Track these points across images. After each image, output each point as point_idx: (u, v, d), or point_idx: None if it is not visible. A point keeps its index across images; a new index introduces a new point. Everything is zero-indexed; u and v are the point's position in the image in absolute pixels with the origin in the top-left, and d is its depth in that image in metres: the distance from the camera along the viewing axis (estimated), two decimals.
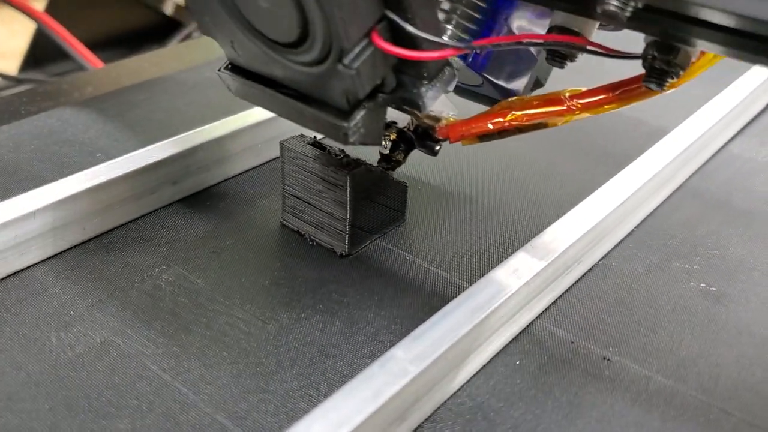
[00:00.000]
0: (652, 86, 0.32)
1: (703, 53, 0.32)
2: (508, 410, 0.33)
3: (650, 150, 0.47)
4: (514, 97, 0.37)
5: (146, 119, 0.55)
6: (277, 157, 0.50)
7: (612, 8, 0.27)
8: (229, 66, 0.36)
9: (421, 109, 0.32)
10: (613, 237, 0.43)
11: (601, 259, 0.42)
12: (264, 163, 0.50)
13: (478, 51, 0.36)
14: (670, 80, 0.32)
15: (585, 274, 0.41)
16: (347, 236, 0.41)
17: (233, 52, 0.34)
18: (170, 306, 0.38)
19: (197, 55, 0.67)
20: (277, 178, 0.48)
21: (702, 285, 0.41)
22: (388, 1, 0.28)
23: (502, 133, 0.37)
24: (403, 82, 0.32)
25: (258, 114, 0.48)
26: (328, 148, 0.41)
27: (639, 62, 0.32)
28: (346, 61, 0.29)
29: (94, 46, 0.80)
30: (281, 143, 0.42)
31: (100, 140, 0.51)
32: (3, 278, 0.39)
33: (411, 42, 0.29)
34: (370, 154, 0.42)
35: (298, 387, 0.33)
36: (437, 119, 0.39)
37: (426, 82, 0.31)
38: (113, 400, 0.32)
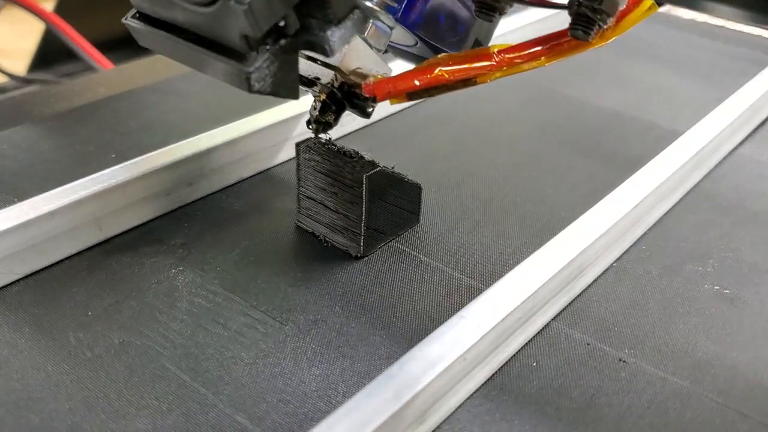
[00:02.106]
0: (578, 35, 0.31)
1: (633, 2, 0.31)
2: (525, 411, 0.33)
3: (662, 153, 0.47)
4: (443, 54, 0.36)
5: (159, 120, 0.55)
6: (292, 159, 0.50)
7: None
8: (136, 14, 0.35)
9: (328, 53, 0.31)
10: (627, 239, 0.43)
11: (616, 261, 0.42)
12: (278, 165, 0.50)
13: (423, 8, 0.35)
14: (596, 28, 0.31)
15: (600, 276, 0.41)
16: (362, 238, 0.41)
17: None
18: (187, 307, 0.38)
19: None
20: (292, 180, 0.48)
21: (716, 287, 0.41)
22: None
23: (430, 90, 0.35)
24: (309, 24, 0.30)
25: (272, 116, 0.49)
26: (344, 149, 0.41)
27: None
28: None
29: (102, 46, 0.80)
30: (297, 145, 0.42)
31: (115, 141, 0.52)
32: (21, 278, 0.39)
33: None
34: (383, 157, 0.42)
35: (317, 388, 0.34)
36: (364, 77, 0.37)
37: (332, 24, 0.30)
38: (133, 401, 0.33)
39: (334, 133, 0.46)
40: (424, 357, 0.31)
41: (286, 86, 0.32)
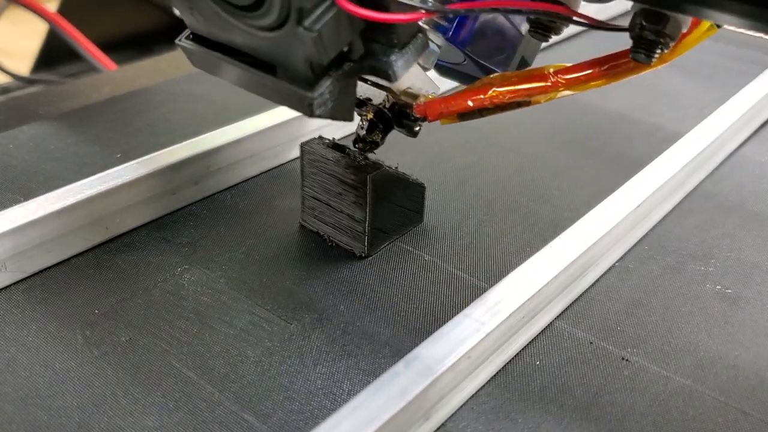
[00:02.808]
0: (640, 58, 0.30)
1: (695, 24, 0.31)
2: (529, 410, 0.33)
3: (664, 154, 0.47)
4: (496, 74, 0.35)
5: (164, 120, 0.55)
6: (296, 159, 0.50)
7: None
8: (190, 36, 0.34)
9: (392, 79, 0.30)
10: (630, 239, 0.44)
11: (618, 261, 0.43)
12: (283, 164, 0.50)
13: (450, 16, 0.34)
14: (659, 52, 0.30)
15: (602, 275, 0.41)
16: (366, 237, 0.41)
17: (193, 19, 0.33)
18: (193, 305, 0.38)
19: None
20: (296, 180, 0.48)
21: (718, 287, 0.41)
22: None
23: (482, 111, 0.35)
24: (373, 49, 0.30)
25: (277, 116, 0.49)
26: (348, 150, 0.41)
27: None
28: (306, 23, 0.27)
29: (106, 47, 0.80)
30: (301, 145, 0.42)
31: (120, 141, 0.52)
32: (29, 276, 0.39)
33: (378, 3, 0.28)
34: (387, 156, 0.42)
35: (322, 386, 0.34)
36: (415, 96, 0.37)
37: (396, 49, 0.30)
38: (140, 398, 0.33)
39: (338, 133, 0.46)
40: (430, 355, 0.31)
41: (344, 109, 0.31)
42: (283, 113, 0.49)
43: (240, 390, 0.33)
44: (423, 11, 0.28)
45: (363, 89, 0.39)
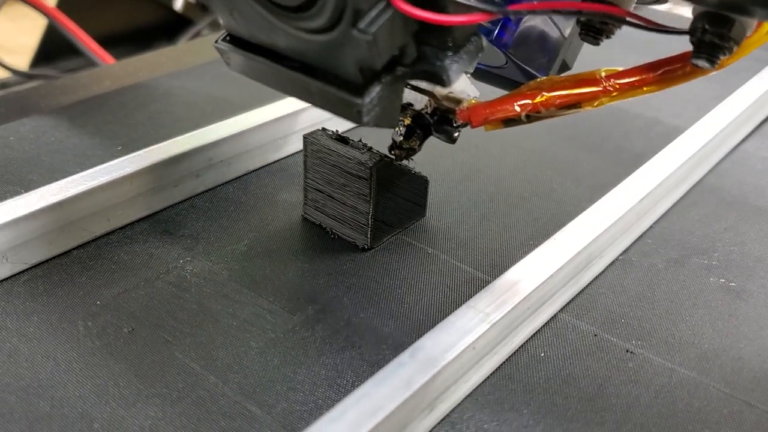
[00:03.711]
0: (703, 63, 0.29)
1: (759, 26, 0.29)
2: (533, 401, 0.33)
3: (667, 148, 0.47)
4: (543, 77, 0.34)
5: (165, 113, 0.55)
6: (298, 151, 0.50)
7: None
8: (227, 37, 0.33)
9: (446, 84, 0.29)
10: (633, 233, 0.43)
11: (622, 254, 0.43)
12: (285, 157, 0.50)
13: (511, 18, 0.33)
14: (722, 56, 0.28)
15: (606, 268, 0.41)
16: (369, 230, 0.41)
17: (232, 20, 0.31)
18: (196, 297, 0.38)
19: (213, 50, 0.67)
20: (298, 172, 0.48)
21: (722, 280, 0.41)
22: None
23: (530, 117, 0.33)
24: (425, 53, 0.28)
25: (279, 108, 0.49)
26: (352, 141, 0.41)
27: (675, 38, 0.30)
28: (361, 25, 0.26)
29: (104, 42, 0.80)
30: (304, 137, 0.42)
31: (121, 133, 0.52)
32: (30, 268, 0.39)
33: (435, 5, 0.26)
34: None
35: (326, 377, 0.34)
36: (458, 101, 0.36)
37: (451, 53, 0.28)
38: (143, 389, 0.33)
39: (341, 126, 0.46)
40: (435, 346, 0.31)
41: (389, 116, 0.30)
42: (285, 106, 0.49)
43: (243, 380, 0.33)
44: (483, 12, 0.27)
45: (405, 94, 0.37)
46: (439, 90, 0.36)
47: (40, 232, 0.39)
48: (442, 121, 0.37)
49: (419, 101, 0.38)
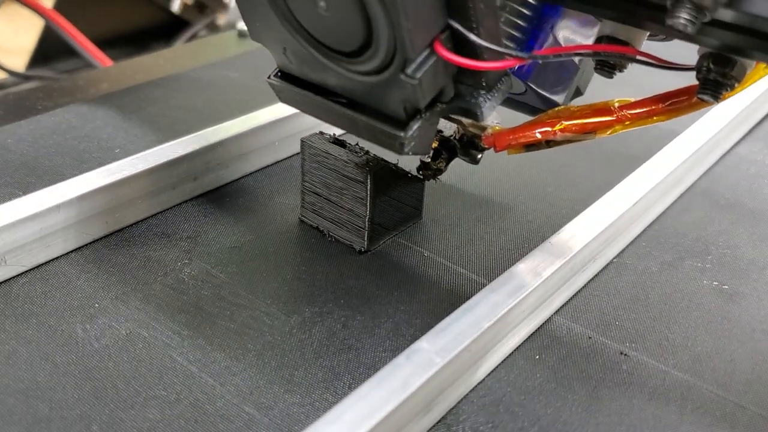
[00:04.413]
0: (707, 98, 0.31)
1: (757, 64, 0.31)
2: (529, 403, 0.33)
3: (661, 152, 0.48)
4: (561, 107, 0.37)
5: (163, 116, 0.55)
6: (294, 155, 0.51)
7: (682, 22, 0.26)
8: (279, 73, 0.35)
9: (479, 119, 0.32)
10: (627, 235, 0.44)
11: (616, 257, 0.43)
12: (282, 160, 0.50)
13: (539, 61, 0.35)
14: (724, 92, 0.31)
15: (600, 271, 0.42)
16: (366, 232, 0.41)
17: (285, 59, 0.34)
18: (194, 299, 0.38)
19: (210, 53, 0.68)
20: (294, 175, 0.49)
21: (715, 283, 0.41)
22: (453, 11, 0.28)
23: (549, 142, 0.36)
24: (461, 91, 0.31)
25: (276, 111, 0.49)
26: (349, 145, 0.41)
27: (669, 72, 0.33)
28: (409, 71, 0.29)
29: (101, 43, 0.80)
30: (302, 140, 0.42)
31: (118, 136, 0.52)
32: (29, 270, 0.39)
33: (473, 51, 0.29)
34: (387, 153, 0.42)
35: (323, 379, 0.34)
36: (483, 128, 0.39)
37: (484, 91, 0.31)
38: (141, 391, 0.33)
39: (338, 129, 0.46)
40: (431, 348, 0.32)
41: (424, 145, 0.33)
42: (282, 110, 0.49)
43: (241, 383, 0.34)
44: (514, 58, 0.30)
45: None
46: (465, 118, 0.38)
47: (38, 234, 0.39)
48: (469, 145, 0.40)
49: (448, 128, 0.40)
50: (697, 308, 0.40)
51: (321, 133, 0.43)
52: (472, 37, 0.28)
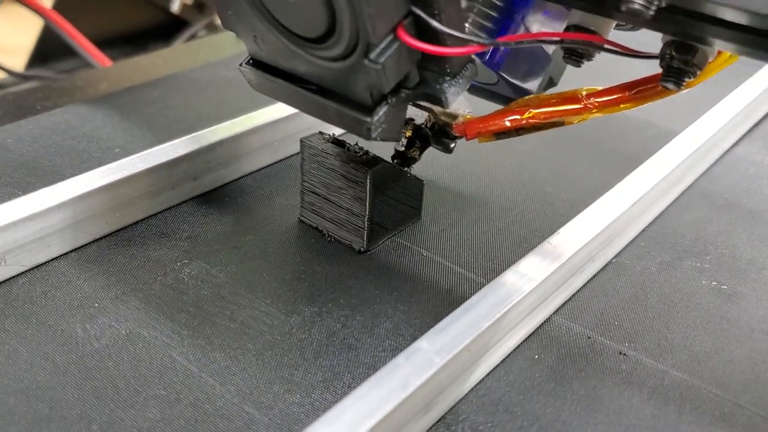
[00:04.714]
0: (670, 86, 0.32)
1: (719, 53, 0.32)
2: (528, 403, 0.34)
3: (660, 152, 0.48)
4: (531, 95, 0.37)
5: (162, 116, 0.55)
6: (294, 155, 0.51)
7: (637, 6, 0.27)
8: (251, 61, 0.36)
9: (444, 105, 0.32)
10: (626, 236, 0.44)
11: (615, 257, 0.43)
12: (281, 160, 0.50)
13: (500, 47, 0.36)
14: (687, 80, 0.32)
15: (599, 271, 0.42)
16: (366, 233, 0.42)
17: (255, 46, 0.35)
18: (194, 299, 0.38)
19: (209, 53, 0.68)
20: (294, 175, 0.49)
21: (713, 283, 0.41)
22: None
23: (519, 130, 0.37)
24: (426, 77, 0.32)
25: (275, 111, 0.49)
26: (348, 145, 0.42)
27: (651, 62, 0.33)
28: (372, 56, 0.29)
29: (100, 43, 0.80)
30: (301, 140, 0.42)
31: (118, 136, 0.52)
32: (28, 270, 0.39)
33: (435, 38, 0.30)
34: (386, 154, 0.43)
35: (323, 378, 0.34)
36: (454, 116, 0.39)
37: (449, 78, 0.32)
38: (141, 390, 0.33)
39: (338, 130, 0.46)
40: (430, 348, 0.32)
41: (394, 131, 0.33)
42: (281, 109, 0.49)
43: (241, 382, 0.34)
44: (476, 45, 0.30)
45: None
46: (436, 107, 0.38)
47: (38, 234, 0.39)
48: (440, 133, 0.41)
49: (419, 116, 0.41)
50: (695, 308, 0.40)
51: (320, 133, 0.43)
52: (434, 23, 0.29)
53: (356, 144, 0.41)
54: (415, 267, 0.41)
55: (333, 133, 0.43)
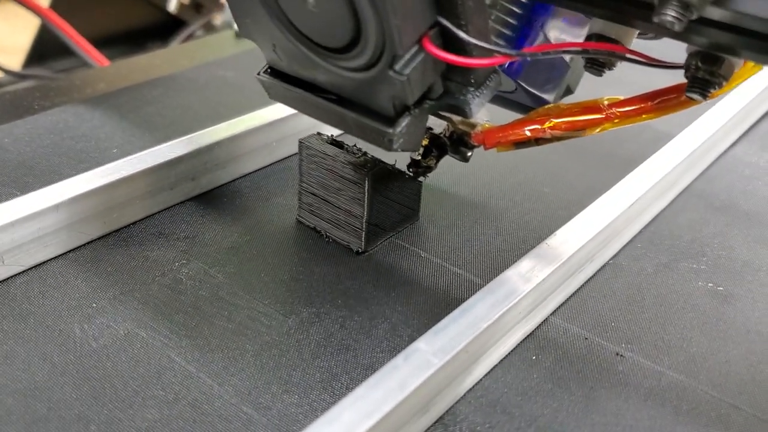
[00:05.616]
0: (695, 96, 0.32)
1: (745, 63, 0.32)
2: (526, 404, 0.34)
3: (657, 154, 0.48)
4: (551, 105, 0.37)
5: (160, 116, 0.55)
6: (291, 155, 0.51)
7: (669, 19, 0.27)
8: (269, 69, 0.36)
9: (468, 116, 0.32)
10: (623, 237, 0.44)
11: (612, 258, 0.43)
12: (279, 161, 0.50)
13: (528, 59, 0.36)
14: (712, 90, 0.31)
15: (596, 272, 0.42)
16: (364, 233, 0.42)
17: (274, 55, 0.34)
18: (192, 299, 0.38)
19: (207, 53, 0.68)
20: (291, 176, 0.49)
21: (710, 284, 0.42)
22: (441, 8, 0.28)
23: (539, 140, 0.36)
24: (450, 88, 0.32)
25: (273, 112, 0.49)
26: (347, 146, 0.42)
27: (661, 71, 0.33)
28: (397, 67, 0.29)
29: (98, 43, 0.80)
30: (300, 141, 0.42)
31: (116, 136, 0.52)
32: (26, 270, 0.39)
33: (461, 48, 0.29)
34: (384, 155, 0.43)
35: (321, 379, 0.34)
36: (473, 125, 0.39)
37: (473, 89, 0.31)
38: (139, 391, 0.33)
39: (336, 131, 0.47)
40: (428, 349, 0.32)
41: (414, 142, 0.33)
42: (279, 110, 0.49)
43: (239, 383, 0.34)
44: (502, 56, 0.30)
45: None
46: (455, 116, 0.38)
47: (36, 234, 0.39)
48: (458, 143, 0.40)
49: (437, 125, 0.40)
50: (692, 309, 0.40)
51: (319, 134, 0.43)
52: (461, 34, 0.29)
53: (354, 145, 0.42)
54: (413, 268, 0.42)
55: (331, 135, 0.43)
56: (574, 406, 0.34)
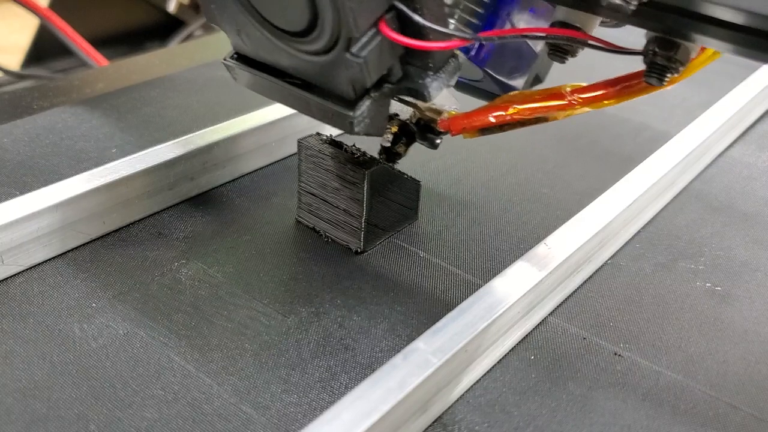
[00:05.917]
0: (653, 81, 0.33)
1: (702, 49, 0.33)
2: (524, 403, 0.34)
3: (655, 154, 0.48)
4: (516, 91, 0.37)
5: (159, 116, 0.55)
6: (290, 155, 0.51)
7: (617, 1, 0.27)
8: (235, 55, 0.36)
9: (426, 99, 0.32)
10: (621, 237, 0.44)
11: (610, 258, 0.43)
12: (278, 161, 0.51)
13: (483, 43, 0.36)
14: (670, 76, 0.32)
15: (595, 272, 0.42)
16: (362, 233, 0.42)
17: (239, 40, 0.35)
18: (191, 299, 0.38)
19: (206, 53, 0.68)
20: (290, 176, 0.49)
21: (708, 285, 0.42)
22: None
23: (503, 126, 0.37)
24: (409, 72, 0.32)
25: (273, 112, 0.49)
26: (345, 146, 0.42)
27: (629, 58, 0.33)
28: (354, 50, 0.29)
29: (96, 42, 0.80)
30: (299, 141, 0.42)
31: (115, 136, 0.52)
32: (26, 270, 0.39)
33: (418, 32, 0.30)
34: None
35: (320, 378, 0.34)
36: (439, 112, 0.39)
37: (431, 72, 0.32)
38: (138, 390, 0.33)
39: (335, 130, 0.47)
40: (427, 348, 0.32)
41: (377, 126, 0.33)
42: (278, 110, 0.50)
43: (238, 382, 0.34)
44: (458, 39, 0.30)
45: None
46: (422, 102, 0.39)
47: (36, 234, 0.39)
48: (425, 129, 0.41)
49: (405, 112, 0.41)
50: (690, 309, 0.40)
51: (318, 134, 0.43)
52: (416, 17, 0.29)
53: (353, 145, 0.42)
54: (412, 268, 0.42)
55: (330, 134, 0.43)
56: (572, 406, 0.34)
